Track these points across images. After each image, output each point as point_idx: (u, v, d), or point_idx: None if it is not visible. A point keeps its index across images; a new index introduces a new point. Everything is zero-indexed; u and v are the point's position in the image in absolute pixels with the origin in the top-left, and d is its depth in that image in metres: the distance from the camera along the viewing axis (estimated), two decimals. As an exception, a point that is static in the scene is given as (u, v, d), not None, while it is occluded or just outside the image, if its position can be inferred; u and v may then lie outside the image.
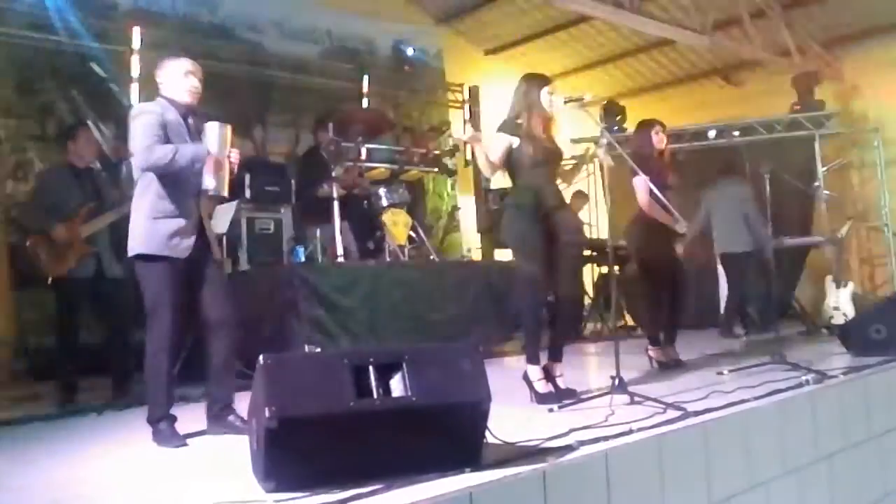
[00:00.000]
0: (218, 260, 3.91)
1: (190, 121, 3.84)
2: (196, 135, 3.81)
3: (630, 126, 8.94)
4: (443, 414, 2.78)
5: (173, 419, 3.75)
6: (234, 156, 3.82)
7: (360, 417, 2.68)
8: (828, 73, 9.73)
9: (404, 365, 2.77)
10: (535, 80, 4.40)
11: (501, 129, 4.36)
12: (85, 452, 3.65)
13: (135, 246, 3.72)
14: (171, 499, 2.59)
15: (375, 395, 2.70)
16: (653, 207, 5.29)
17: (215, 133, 3.75)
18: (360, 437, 2.68)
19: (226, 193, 3.83)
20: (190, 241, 3.74)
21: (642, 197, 5.32)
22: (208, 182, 3.73)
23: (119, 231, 5.20)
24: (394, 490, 2.54)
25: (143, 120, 3.69)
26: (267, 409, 2.52)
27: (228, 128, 3.81)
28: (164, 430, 3.68)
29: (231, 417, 3.81)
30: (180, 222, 3.71)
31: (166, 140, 3.69)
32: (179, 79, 3.80)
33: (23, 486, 2.97)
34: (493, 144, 4.32)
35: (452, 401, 2.81)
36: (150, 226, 3.69)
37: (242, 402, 3.73)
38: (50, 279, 5.08)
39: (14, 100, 6.93)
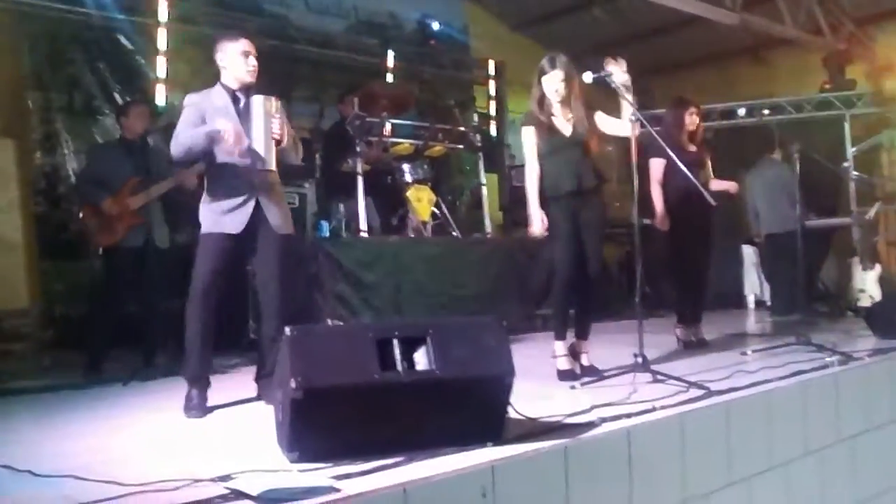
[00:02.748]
0: (277, 235, 3.95)
1: (241, 101, 3.91)
2: (245, 113, 3.88)
3: (659, 105, 8.87)
4: (466, 388, 2.80)
5: (206, 384, 3.86)
6: (276, 127, 3.85)
7: (385, 390, 2.70)
8: (859, 52, 9.56)
9: (428, 339, 2.79)
10: (545, 62, 4.36)
11: (525, 122, 4.42)
12: (112, 421, 3.71)
13: (202, 226, 3.92)
14: (196, 468, 2.63)
15: (400, 368, 2.72)
16: (655, 193, 5.42)
17: (260, 107, 3.82)
18: (384, 409, 2.71)
19: (271, 166, 3.87)
20: (243, 217, 3.84)
21: (654, 177, 5.42)
22: (251, 155, 3.82)
23: (171, 203, 5.36)
24: (416, 462, 2.57)
25: (183, 114, 3.89)
26: (293, 380, 2.55)
27: (273, 100, 3.87)
28: (194, 397, 3.78)
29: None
30: (231, 200, 3.84)
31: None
32: (240, 60, 3.90)
33: (55, 453, 3.02)
34: (526, 151, 4.38)
35: (476, 375, 2.83)
36: (206, 206, 3.90)
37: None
38: (100, 250, 5.23)
39: (42, 72, 6.96)
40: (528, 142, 4.37)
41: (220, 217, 3.83)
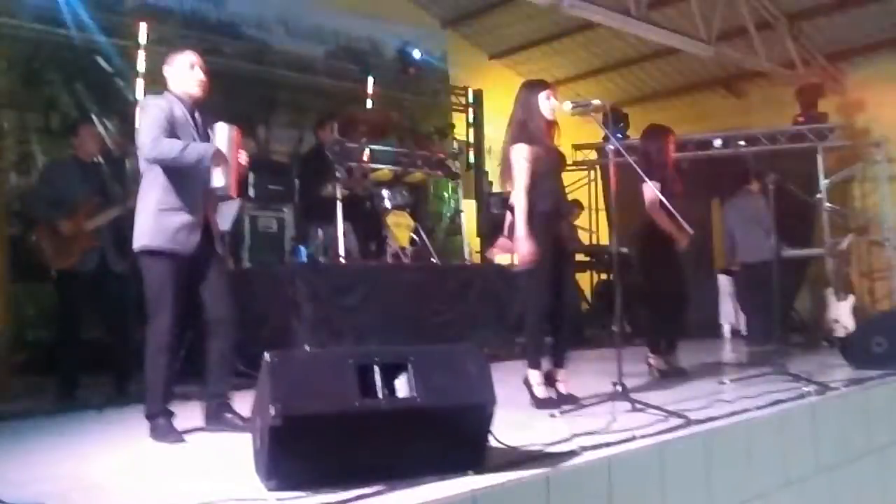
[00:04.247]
0: (222, 256, 3.90)
1: (197, 117, 3.86)
2: (203, 131, 3.84)
3: (633, 133, 8.95)
4: (447, 416, 2.77)
5: (171, 415, 3.74)
6: (244, 157, 3.84)
7: (365, 417, 2.67)
8: (831, 85, 9.74)
9: (410, 366, 2.76)
10: (535, 86, 4.40)
11: (515, 139, 4.33)
12: (86, 448, 3.64)
13: (140, 239, 3.71)
14: (173, 496, 2.58)
15: (380, 396, 2.69)
16: (658, 212, 5.28)
17: (225, 134, 3.77)
18: (364, 437, 2.67)
19: (233, 194, 3.84)
20: (195, 237, 3.74)
21: (650, 201, 5.28)
22: (217, 180, 3.72)
23: (123, 226, 5.19)
24: (397, 491, 2.53)
25: (150, 112, 3.71)
26: (272, 407, 2.51)
27: (236, 129, 3.83)
28: (162, 425, 3.67)
29: (229, 415, 3.81)
30: (187, 217, 3.71)
31: (172, 135, 3.70)
32: (186, 71, 3.83)
33: (27, 481, 2.95)
34: (517, 165, 4.27)
35: (457, 403, 2.80)
36: (156, 219, 3.68)
37: (244, 401, 3.74)
38: (53, 272, 5.09)
39: (18, 92, 6.90)
40: (521, 160, 4.24)
41: (174, 234, 3.68)
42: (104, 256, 5.14)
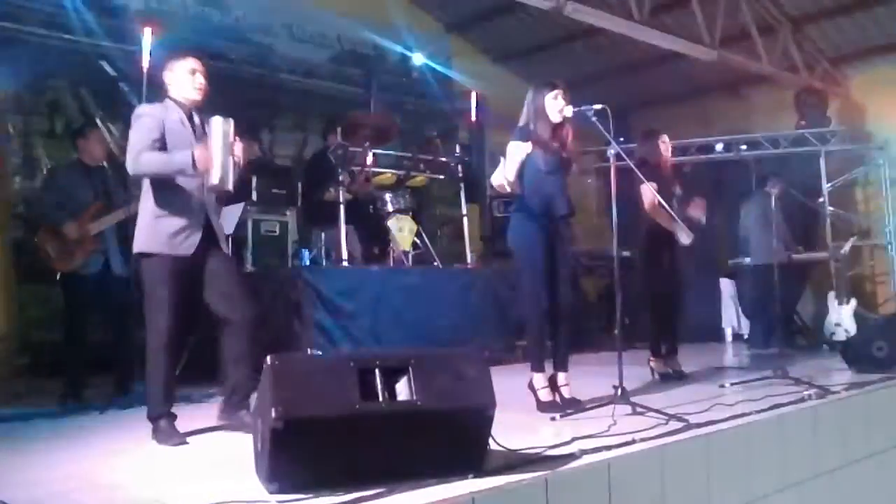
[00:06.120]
0: (230, 256, 3.92)
1: (196, 121, 3.88)
2: (201, 133, 3.84)
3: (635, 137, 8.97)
4: (447, 419, 2.79)
5: (173, 417, 3.77)
6: (238, 148, 3.80)
7: (365, 420, 2.69)
8: (834, 90, 9.75)
9: (410, 369, 2.78)
10: (543, 86, 4.42)
11: (516, 137, 4.36)
12: (89, 449, 3.66)
13: (138, 244, 3.77)
14: (175, 498, 2.60)
15: (381, 399, 2.71)
16: (657, 212, 5.33)
17: (220, 128, 3.74)
18: (365, 440, 2.69)
19: (229, 187, 3.78)
20: (194, 239, 3.77)
21: (648, 201, 5.35)
22: (213, 177, 3.71)
23: (127, 230, 5.23)
24: (397, 494, 2.55)
25: (139, 123, 3.74)
26: (273, 410, 2.53)
27: (231, 122, 3.79)
28: (164, 427, 3.70)
29: (244, 415, 3.78)
30: (183, 220, 3.75)
31: (163, 144, 3.73)
32: (187, 77, 3.86)
33: (32, 482, 2.98)
34: (510, 158, 4.32)
35: (457, 406, 2.82)
36: (152, 224, 3.74)
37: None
38: (58, 275, 5.14)
39: (24, 96, 6.95)
40: (515, 156, 4.26)
41: (170, 238, 3.71)
42: (108, 260, 5.18)
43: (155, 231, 3.73)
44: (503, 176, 4.34)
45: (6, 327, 6.46)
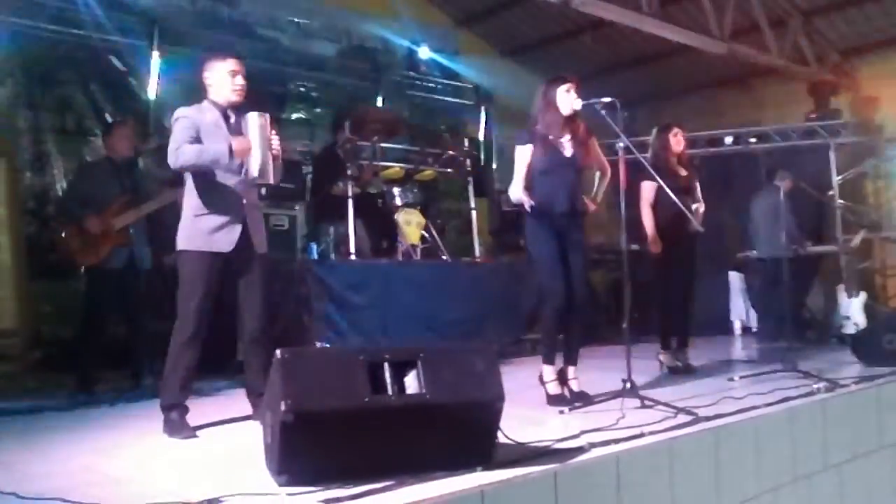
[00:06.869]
0: (261, 261, 3.96)
1: (232, 119, 3.93)
2: (236, 131, 3.90)
3: (643, 131, 8.94)
4: (456, 412, 2.80)
5: (185, 410, 3.80)
6: (276, 142, 3.89)
7: (375, 413, 2.70)
8: (844, 82, 9.69)
9: (419, 363, 2.79)
10: (556, 80, 4.42)
11: (518, 140, 4.40)
12: (99, 442, 3.69)
13: (179, 242, 3.87)
14: (184, 490, 2.61)
15: (390, 392, 2.73)
16: (647, 211, 5.41)
17: (256, 123, 3.83)
18: (374, 433, 2.71)
19: (270, 180, 3.90)
20: (233, 235, 3.84)
21: (645, 199, 5.44)
22: (252, 170, 3.81)
23: (154, 224, 5.32)
24: (406, 487, 2.56)
25: (178, 125, 3.85)
26: (283, 403, 2.55)
27: (267, 116, 3.89)
28: (175, 420, 3.74)
29: None
30: (222, 217, 3.83)
31: (197, 142, 3.81)
32: (227, 79, 3.93)
33: (44, 475, 3.00)
34: (518, 163, 4.36)
35: (466, 399, 2.83)
36: (192, 223, 3.84)
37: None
38: (82, 269, 5.23)
39: (34, 92, 6.96)
40: (522, 159, 4.34)
41: (209, 235, 3.81)
42: (133, 253, 5.23)
43: (195, 229, 3.83)
44: (517, 185, 4.36)
45: (17, 322, 6.50)
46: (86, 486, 2.72)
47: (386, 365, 2.76)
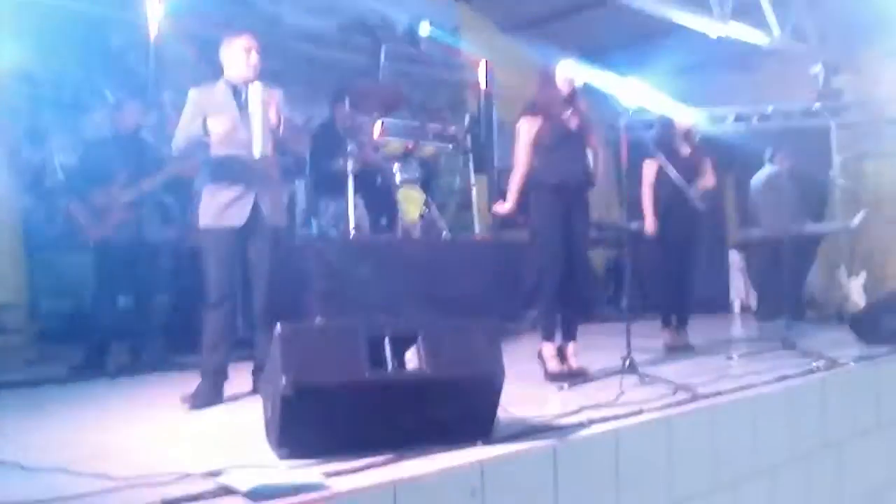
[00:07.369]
0: (276, 227, 4.05)
1: (244, 94, 3.96)
2: (245, 104, 3.94)
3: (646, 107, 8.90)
4: (456, 387, 2.81)
5: (224, 376, 3.92)
6: (273, 115, 3.91)
7: (374, 388, 2.71)
8: (847, 62, 9.64)
9: (419, 338, 2.79)
10: (554, 57, 4.41)
11: (525, 111, 4.40)
12: (101, 414, 3.71)
13: (200, 219, 3.99)
14: (186, 462, 2.62)
15: (390, 367, 2.73)
16: (648, 192, 5.42)
17: (258, 96, 3.89)
18: (374, 407, 2.71)
19: (256, 154, 3.88)
20: (244, 209, 3.90)
21: (646, 179, 5.45)
22: (255, 145, 3.87)
23: (160, 197, 5.33)
24: (406, 461, 2.57)
25: (185, 109, 4.00)
26: (283, 377, 2.56)
27: (268, 89, 3.94)
28: (208, 388, 3.84)
29: None
30: (232, 192, 3.90)
31: (204, 122, 3.94)
32: (241, 55, 3.99)
33: (46, 446, 3.01)
34: (520, 135, 4.34)
35: (466, 375, 2.84)
36: (209, 200, 3.95)
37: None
38: (90, 243, 5.23)
39: (31, 66, 6.91)
40: (524, 134, 4.36)
41: (222, 211, 3.89)
42: (140, 227, 5.23)
43: (209, 205, 3.94)
44: (517, 165, 4.38)
45: (17, 296, 6.49)
46: (88, 459, 2.72)
47: (386, 340, 2.76)
